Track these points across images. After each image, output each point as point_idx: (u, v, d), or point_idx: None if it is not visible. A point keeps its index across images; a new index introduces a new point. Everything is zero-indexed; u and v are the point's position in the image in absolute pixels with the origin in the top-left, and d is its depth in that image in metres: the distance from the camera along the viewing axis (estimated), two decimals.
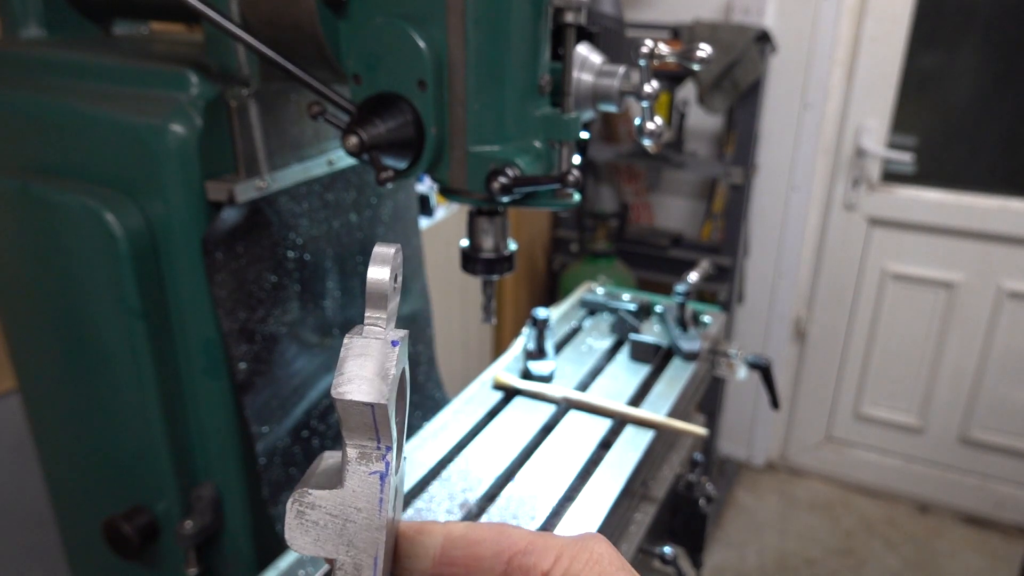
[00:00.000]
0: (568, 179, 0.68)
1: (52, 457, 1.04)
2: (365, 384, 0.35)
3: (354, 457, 0.36)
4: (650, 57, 0.68)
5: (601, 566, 0.38)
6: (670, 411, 1.00)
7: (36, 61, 0.92)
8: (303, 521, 0.37)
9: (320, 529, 0.37)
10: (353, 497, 0.36)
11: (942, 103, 2.69)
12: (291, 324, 0.96)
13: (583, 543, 0.39)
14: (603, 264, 2.76)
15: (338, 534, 0.37)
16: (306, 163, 0.93)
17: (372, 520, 0.36)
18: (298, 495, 0.37)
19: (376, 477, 0.36)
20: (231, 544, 0.97)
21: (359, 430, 0.36)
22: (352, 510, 0.36)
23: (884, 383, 2.97)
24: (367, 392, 0.35)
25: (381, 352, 0.36)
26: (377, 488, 0.36)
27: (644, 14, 2.80)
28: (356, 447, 0.36)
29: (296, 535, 0.37)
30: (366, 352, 0.36)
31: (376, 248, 0.39)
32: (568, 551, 0.38)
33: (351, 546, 0.37)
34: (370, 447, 0.36)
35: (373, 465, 0.36)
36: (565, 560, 0.38)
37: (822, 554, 2.75)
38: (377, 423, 0.35)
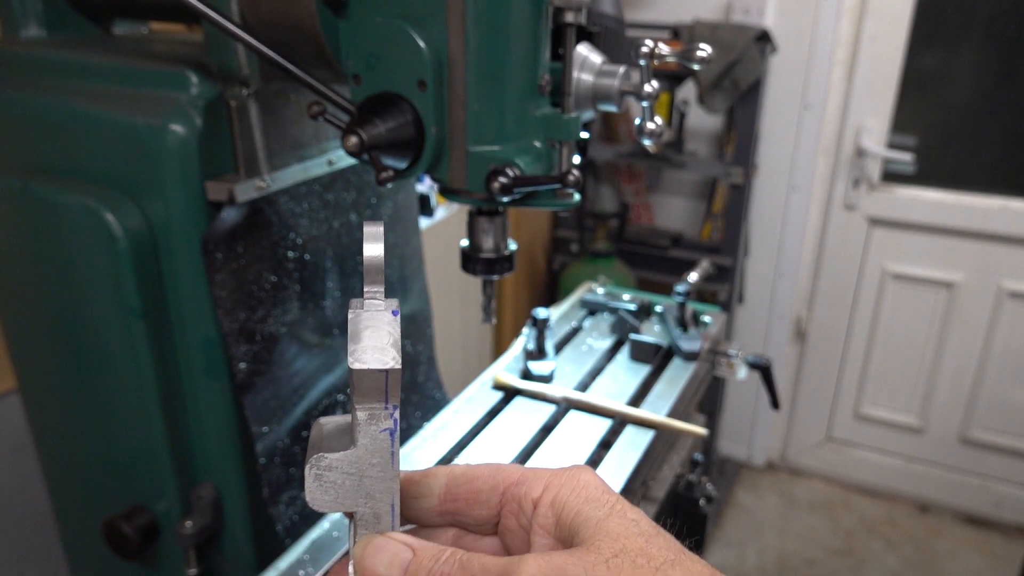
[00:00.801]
0: (568, 179, 0.68)
1: (52, 457, 1.04)
2: (379, 353, 0.38)
3: (364, 419, 0.40)
4: (650, 57, 0.68)
5: (588, 492, 0.41)
6: (670, 411, 1.00)
7: (36, 61, 0.92)
8: (322, 483, 0.40)
9: (338, 488, 0.40)
10: (367, 454, 0.40)
11: (942, 103, 2.69)
12: (291, 324, 0.96)
13: (571, 472, 0.43)
14: (603, 264, 2.76)
15: (355, 489, 0.40)
16: (306, 163, 0.93)
17: (386, 472, 0.40)
18: (314, 460, 0.40)
19: (386, 434, 0.40)
20: (231, 544, 0.97)
21: (370, 394, 0.39)
22: (367, 466, 0.40)
23: (884, 383, 2.97)
24: (382, 360, 0.38)
25: (387, 322, 0.40)
26: (388, 443, 0.40)
27: (644, 14, 2.80)
28: (365, 409, 0.40)
29: (317, 495, 0.40)
30: (374, 323, 0.40)
31: (366, 227, 0.42)
32: (556, 480, 0.42)
33: (369, 498, 0.41)
34: (378, 408, 0.40)
35: (383, 423, 0.40)
36: (553, 487, 0.42)
37: (822, 554, 2.75)
38: (388, 386, 0.39)
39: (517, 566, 0.37)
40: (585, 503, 0.40)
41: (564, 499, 0.41)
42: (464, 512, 0.45)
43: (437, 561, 0.39)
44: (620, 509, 0.40)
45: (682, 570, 0.36)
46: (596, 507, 0.40)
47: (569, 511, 0.40)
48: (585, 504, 0.40)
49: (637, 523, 0.39)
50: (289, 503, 0.97)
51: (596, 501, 0.40)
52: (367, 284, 0.42)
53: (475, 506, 0.44)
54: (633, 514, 0.40)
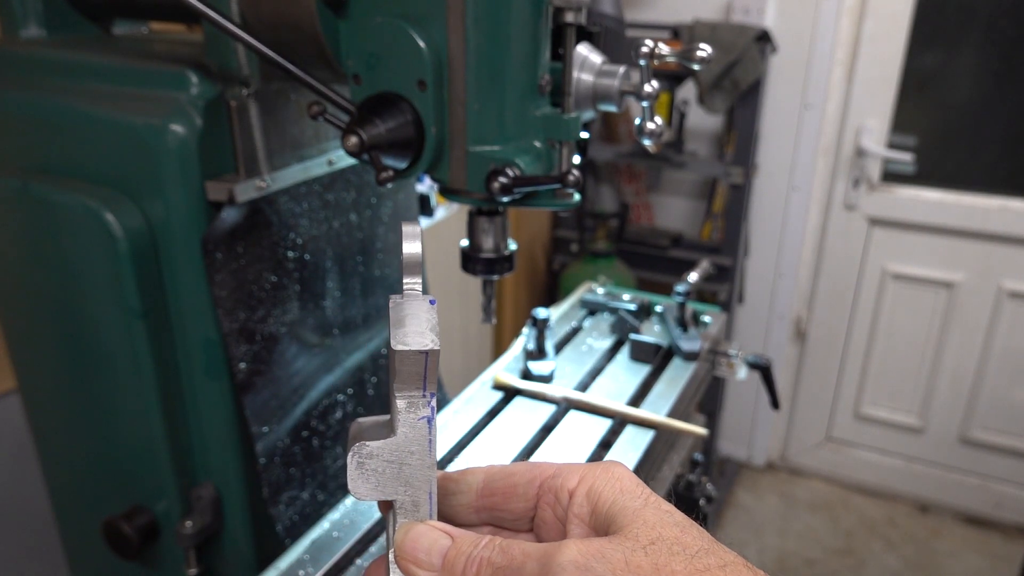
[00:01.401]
0: (568, 179, 0.68)
1: (52, 457, 1.04)
2: (420, 336, 0.41)
3: (403, 407, 0.42)
4: (650, 57, 0.68)
5: (623, 483, 0.42)
6: (670, 411, 1.00)
7: (36, 61, 0.92)
8: (364, 471, 0.42)
9: (379, 476, 0.42)
10: (407, 442, 0.42)
11: (942, 103, 2.69)
12: (291, 324, 0.96)
13: (605, 466, 0.44)
14: (603, 264, 2.76)
15: (395, 477, 0.42)
16: (306, 163, 0.93)
17: (424, 460, 0.43)
18: (356, 448, 0.42)
19: (424, 422, 0.42)
20: (231, 544, 0.97)
21: (410, 380, 0.41)
22: (406, 453, 0.42)
23: (884, 383, 2.97)
24: (422, 342, 0.41)
25: (427, 310, 0.43)
26: (426, 431, 0.42)
27: (644, 14, 2.80)
28: (405, 398, 0.42)
29: (359, 484, 0.42)
30: (415, 311, 0.42)
31: (404, 227, 0.45)
32: (591, 472, 0.43)
33: (408, 485, 0.43)
34: (416, 396, 0.42)
35: (421, 411, 0.42)
36: (589, 479, 0.43)
37: (822, 554, 2.75)
38: (427, 370, 0.41)
39: (558, 549, 0.38)
40: (620, 494, 0.41)
41: (600, 489, 0.42)
42: (501, 506, 0.46)
43: (476, 547, 0.41)
44: (654, 501, 0.41)
45: (715, 559, 0.38)
46: (631, 498, 0.41)
47: (605, 501, 0.41)
48: (620, 495, 0.41)
49: (671, 514, 0.40)
50: (289, 503, 0.97)
51: (631, 493, 0.42)
52: (406, 277, 0.45)
53: (512, 499, 0.46)
54: (666, 506, 0.41)
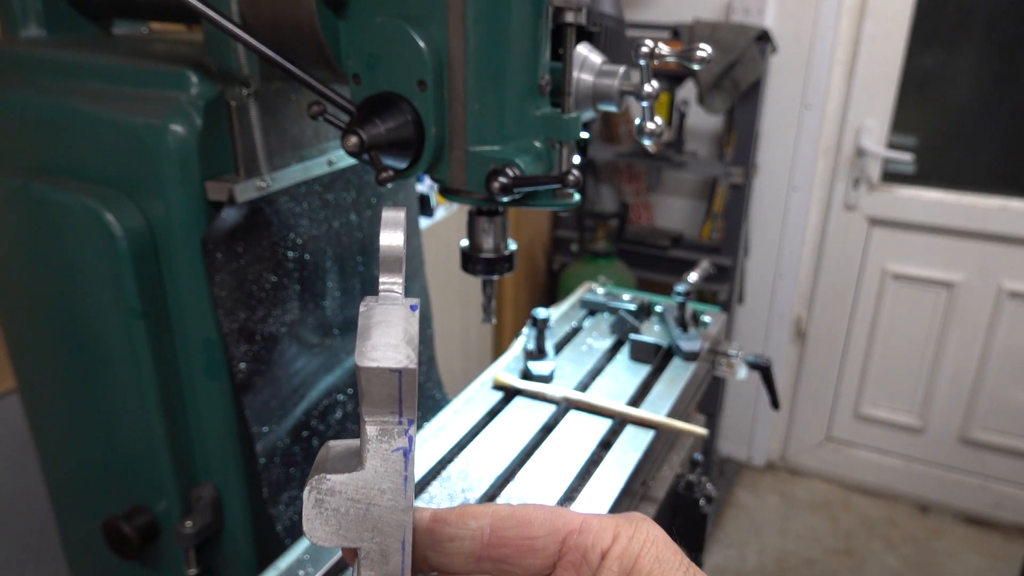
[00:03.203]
0: (568, 179, 0.68)
1: (52, 457, 1.04)
2: (391, 350, 0.33)
3: (374, 435, 0.34)
4: (650, 57, 0.68)
5: (657, 547, 0.37)
6: (670, 411, 1.00)
7: (36, 61, 0.92)
8: (322, 510, 0.35)
9: (341, 517, 0.35)
10: (376, 478, 0.35)
11: (942, 103, 2.69)
12: (291, 324, 0.96)
13: (636, 523, 0.38)
14: (603, 264, 2.76)
15: (361, 520, 0.35)
16: (306, 163, 0.93)
17: (397, 501, 0.35)
18: (315, 482, 0.35)
19: (399, 454, 0.35)
20: (231, 544, 0.97)
21: (382, 403, 0.34)
22: (375, 492, 0.35)
23: (884, 383, 2.97)
24: (395, 358, 0.33)
25: (403, 317, 0.35)
26: (401, 466, 0.35)
27: (644, 14, 2.80)
28: (376, 423, 0.34)
29: (316, 526, 0.35)
30: (388, 318, 0.35)
31: (385, 212, 0.38)
32: (625, 530, 0.38)
33: (376, 531, 0.35)
34: (391, 422, 0.34)
35: (395, 441, 0.35)
36: (624, 539, 0.37)
37: (822, 554, 2.75)
38: (403, 392, 0.34)
39: None
40: (656, 562, 0.37)
41: (634, 554, 0.37)
42: (512, 560, 0.39)
43: None
44: (695, 574, 0.37)
45: None
46: (669, 569, 0.37)
47: (641, 570, 0.37)
48: (656, 564, 0.37)
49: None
50: (289, 503, 0.97)
51: (668, 562, 0.37)
52: (383, 275, 0.37)
53: (528, 554, 0.38)
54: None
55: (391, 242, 0.38)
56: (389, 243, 0.38)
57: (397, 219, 0.38)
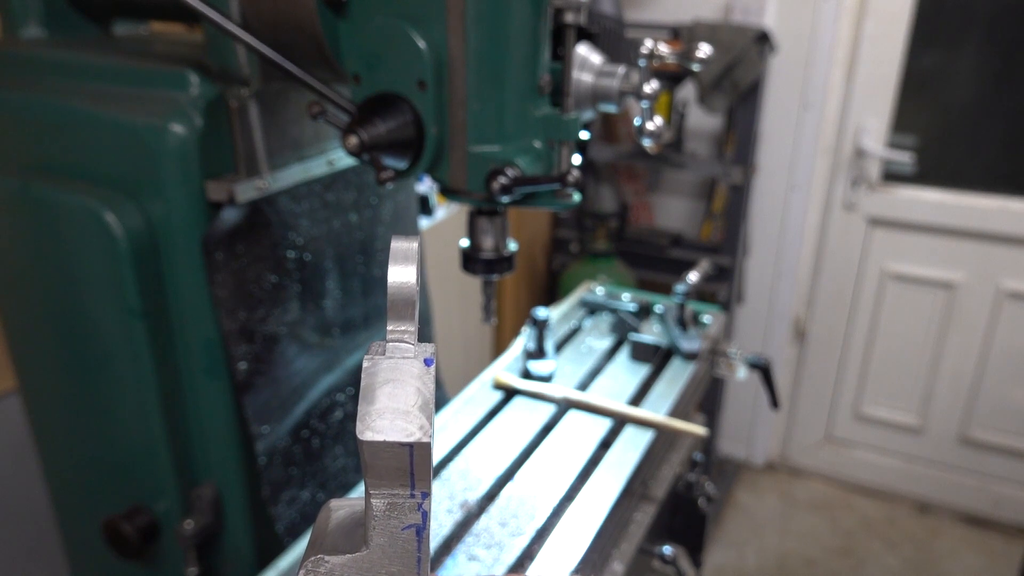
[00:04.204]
0: (568, 179, 0.68)
1: (52, 457, 1.04)
2: (400, 419, 0.28)
3: (381, 510, 0.29)
4: (650, 57, 0.68)
5: None
6: (670, 411, 1.00)
7: (36, 61, 0.92)
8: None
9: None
10: (383, 559, 0.30)
11: (942, 103, 2.69)
12: (291, 324, 0.96)
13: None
14: (603, 264, 2.76)
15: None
16: (306, 163, 0.93)
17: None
18: (311, 564, 0.30)
19: (411, 532, 0.29)
20: (231, 544, 0.97)
21: (390, 476, 0.28)
22: (383, 574, 0.30)
23: (884, 383, 2.97)
24: (405, 429, 0.28)
25: (415, 375, 0.29)
26: (413, 546, 0.29)
27: (644, 14, 2.80)
28: (384, 497, 0.29)
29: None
30: (397, 377, 0.29)
31: (394, 244, 0.31)
32: None
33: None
34: (402, 495, 0.29)
35: (407, 517, 0.29)
36: None
37: (822, 554, 2.75)
38: (415, 466, 0.28)
39: None
40: None
41: None
42: None
43: None
44: None
45: None
46: None
47: None
48: None
49: None
50: (289, 503, 0.97)
51: None
52: (391, 320, 0.31)
53: None
54: None
55: (401, 279, 0.31)
56: (399, 280, 0.31)
57: (409, 252, 0.31)
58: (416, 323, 0.31)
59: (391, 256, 0.31)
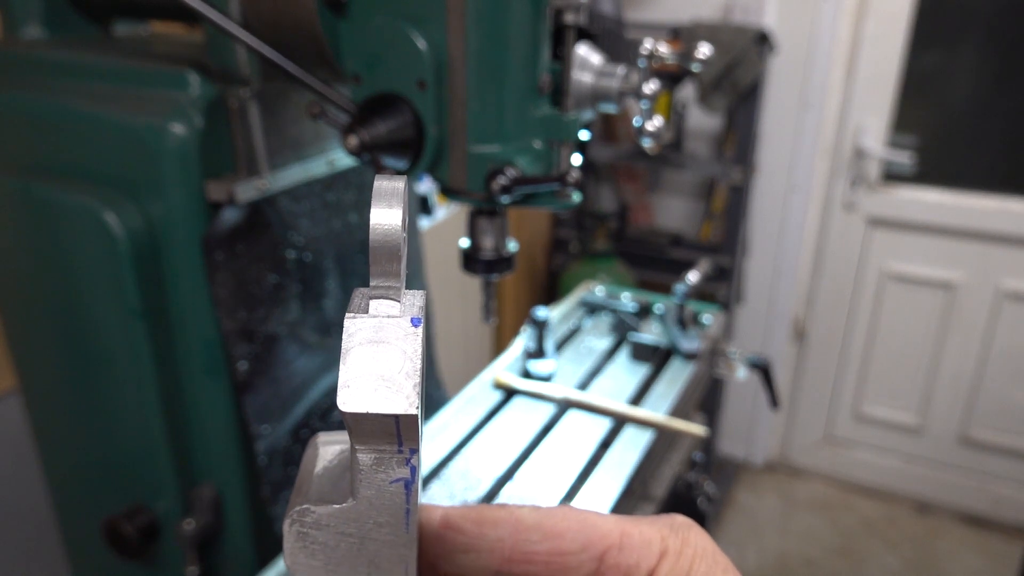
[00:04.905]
0: (568, 179, 0.68)
1: (52, 457, 1.04)
2: (383, 387, 0.26)
3: (368, 465, 0.28)
4: (650, 57, 0.68)
5: (707, 562, 0.32)
6: (670, 411, 1.00)
7: (36, 61, 0.92)
8: (307, 544, 0.29)
9: (331, 551, 0.29)
10: (371, 511, 0.29)
11: (942, 103, 2.69)
12: (291, 324, 0.96)
13: (683, 534, 0.33)
14: (603, 264, 2.76)
15: (355, 554, 0.29)
16: (306, 163, 0.93)
17: (398, 535, 0.29)
18: (297, 514, 0.29)
19: (399, 485, 0.28)
20: (231, 544, 0.97)
21: (375, 437, 0.27)
22: (371, 526, 0.29)
23: (884, 383, 2.97)
24: (388, 400, 0.26)
25: (400, 336, 0.27)
26: (402, 498, 0.28)
27: (644, 14, 2.80)
28: (370, 452, 0.28)
29: (299, 560, 0.29)
30: (379, 337, 0.27)
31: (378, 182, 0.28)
32: (672, 544, 0.33)
33: (373, 566, 0.29)
34: (389, 451, 0.28)
35: (394, 471, 0.28)
36: (671, 557, 0.32)
37: (822, 554, 2.75)
38: (401, 431, 0.27)
39: None
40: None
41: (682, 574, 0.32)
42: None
43: None
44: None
45: None
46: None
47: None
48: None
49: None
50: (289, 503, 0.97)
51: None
52: (374, 271, 0.28)
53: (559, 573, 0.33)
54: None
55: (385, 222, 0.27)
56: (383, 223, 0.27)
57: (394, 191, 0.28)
58: (403, 275, 0.28)
59: (374, 196, 0.27)
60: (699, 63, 0.69)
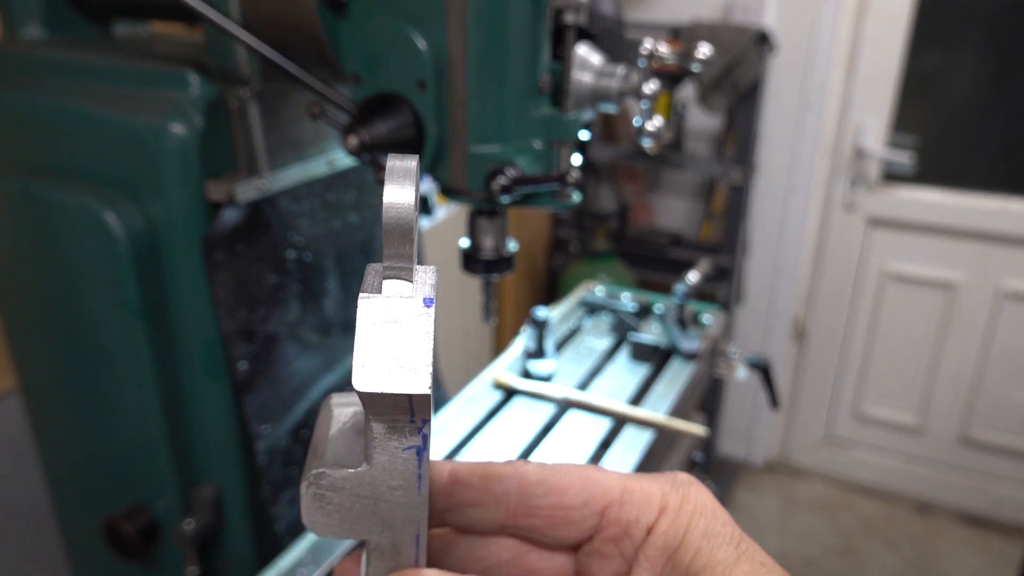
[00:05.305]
0: (568, 179, 0.68)
1: (52, 457, 1.04)
2: (397, 368, 0.27)
3: (382, 432, 0.29)
4: (650, 57, 0.68)
5: (706, 518, 0.33)
6: (670, 411, 1.00)
7: (36, 61, 0.92)
8: (323, 504, 0.30)
9: (346, 511, 0.30)
10: (385, 475, 0.30)
11: (942, 103, 2.69)
12: (291, 324, 0.96)
13: (684, 490, 0.34)
14: (603, 264, 2.76)
15: (370, 514, 0.30)
16: (306, 163, 0.93)
17: (410, 497, 0.30)
18: (313, 477, 0.30)
19: (412, 452, 0.29)
20: (231, 544, 0.97)
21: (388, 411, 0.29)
22: (385, 488, 0.30)
23: (884, 383, 2.97)
24: (402, 380, 0.27)
25: (414, 316, 0.27)
26: (414, 464, 0.30)
27: (644, 14, 2.80)
28: (384, 421, 0.29)
29: (316, 518, 0.30)
30: (392, 317, 0.27)
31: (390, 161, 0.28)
32: (672, 500, 0.33)
33: (386, 526, 0.30)
34: (402, 420, 0.29)
35: (407, 439, 0.29)
36: (671, 512, 0.33)
37: (822, 554, 2.75)
38: (414, 407, 0.28)
39: None
40: (705, 538, 0.32)
41: (681, 529, 0.33)
42: (543, 531, 0.34)
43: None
44: (747, 550, 0.32)
45: None
46: (719, 545, 0.32)
47: (688, 548, 0.32)
48: (705, 540, 0.32)
49: (769, 571, 0.31)
50: (289, 503, 0.97)
51: (718, 536, 0.32)
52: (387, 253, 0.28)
53: (561, 526, 0.34)
54: (761, 556, 0.32)
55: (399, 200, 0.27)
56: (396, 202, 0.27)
57: (407, 169, 0.28)
58: (415, 254, 0.29)
59: (387, 174, 0.28)
60: (699, 63, 0.69)
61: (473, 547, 0.35)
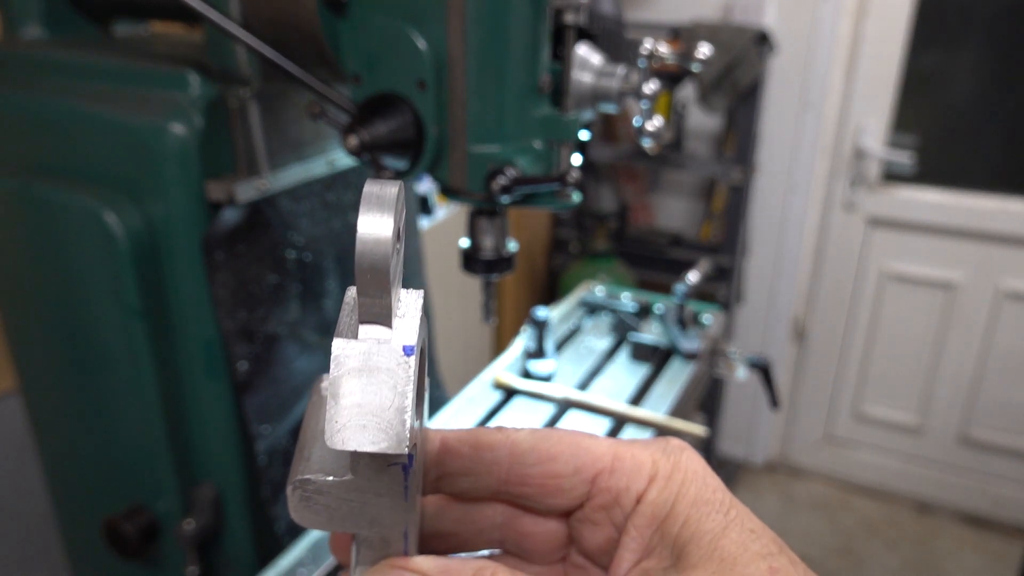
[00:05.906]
0: (568, 179, 0.68)
1: (52, 457, 1.04)
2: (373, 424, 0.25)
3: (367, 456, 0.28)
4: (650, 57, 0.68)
5: (696, 488, 0.33)
6: (670, 411, 1.00)
7: (36, 61, 0.92)
8: (310, 504, 0.30)
9: (333, 511, 0.30)
10: (370, 485, 0.29)
11: (942, 103, 2.69)
12: (291, 324, 0.96)
13: (674, 457, 0.33)
14: (603, 264, 2.76)
15: (358, 512, 0.30)
16: (306, 163, 0.93)
17: (397, 503, 0.29)
18: (299, 483, 0.29)
19: (397, 468, 0.28)
20: (231, 544, 0.97)
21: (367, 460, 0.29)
22: (370, 495, 0.29)
23: (884, 383, 2.97)
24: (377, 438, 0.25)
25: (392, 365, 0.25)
26: (400, 478, 0.29)
27: (644, 14, 2.80)
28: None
29: (305, 515, 0.30)
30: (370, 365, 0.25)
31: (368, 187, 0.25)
32: (662, 467, 0.33)
33: (375, 523, 0.30)
34: None
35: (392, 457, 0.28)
36: (660, 481, 0.33)
37: (822, 554, 2.75)
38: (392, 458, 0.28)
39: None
40: (694, 506, 0.32)
41: (671, 498, 0.32)
42: (534, 499, 0.34)
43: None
44: (736, 517, 0.32)
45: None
46: (708, 513, 0.32)
47: (676, 517, 0.32)
48: (694, 508, 0.32)
49: (758, 537, 0.31)
50: None
51: (708, 504, 0.32)
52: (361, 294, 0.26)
53: (552, 494, 0.33)
54: (751, 522, 0.32)
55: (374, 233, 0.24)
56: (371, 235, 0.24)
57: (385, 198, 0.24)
58: (396, 293, 0.26)
59: (363, 202, 0.25)
60: (699, 63, 0.69)
61: (467, 511, 0.35)
